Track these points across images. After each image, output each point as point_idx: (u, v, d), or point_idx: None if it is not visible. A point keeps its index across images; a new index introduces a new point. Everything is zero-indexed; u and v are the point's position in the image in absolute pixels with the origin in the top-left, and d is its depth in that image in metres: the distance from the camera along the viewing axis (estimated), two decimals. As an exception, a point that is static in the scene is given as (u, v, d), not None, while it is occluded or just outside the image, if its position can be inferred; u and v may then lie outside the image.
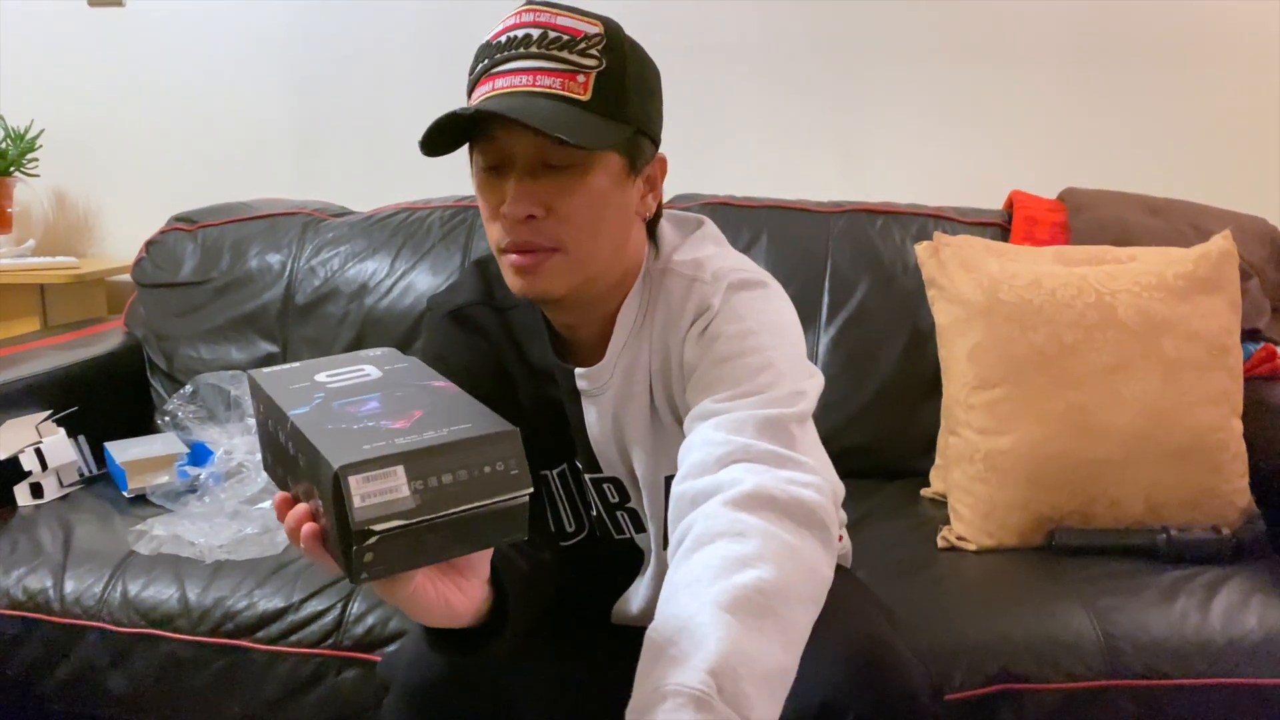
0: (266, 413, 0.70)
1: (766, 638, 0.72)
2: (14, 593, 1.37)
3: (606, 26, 0.93)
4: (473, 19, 2.30)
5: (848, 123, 2.26)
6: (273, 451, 0.71)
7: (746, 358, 0.92)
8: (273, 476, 0.73)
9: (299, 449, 0.65)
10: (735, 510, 0.79)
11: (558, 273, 0.93)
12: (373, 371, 0.73)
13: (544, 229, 0.91)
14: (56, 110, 2.39)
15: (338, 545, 0.63)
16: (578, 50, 0.91)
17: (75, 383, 1.79)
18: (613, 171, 0.93)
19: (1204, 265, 1.52)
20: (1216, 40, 2.15)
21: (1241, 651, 1.24)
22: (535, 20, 0.92)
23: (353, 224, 1.98)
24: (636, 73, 0.94)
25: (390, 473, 0.61)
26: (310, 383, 0.71)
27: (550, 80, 0.90)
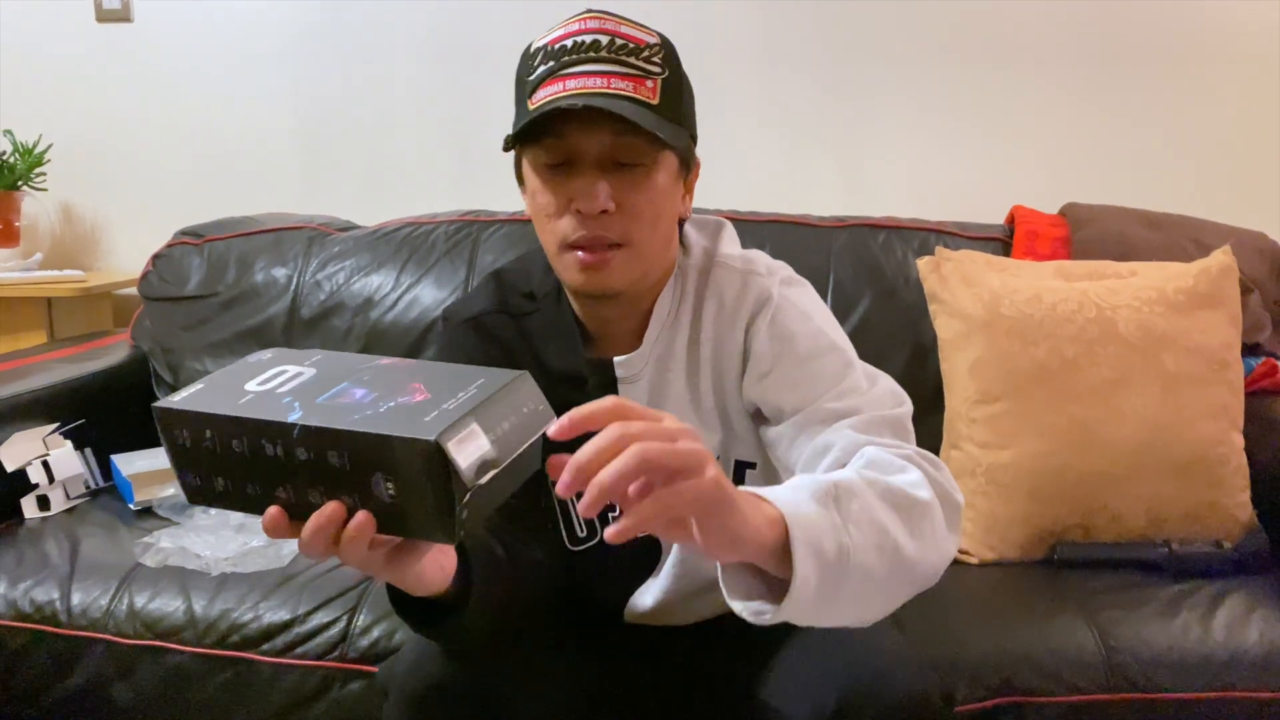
0: (223, 433, 0.66)
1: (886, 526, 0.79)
2: (21, 605, 1.38)
3: (663, 39, 0.99)
4: (478, 35, 2.32)
5: (850, 136, 2.27)
6: (236, 469, 0.67)
7: (827, 356, 0.99)
8: (219, 500, 0.69)
9: (324, 449, 0.64)
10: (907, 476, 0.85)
11: (622, 267, 0.97)
12: (304, 370, 0.71)
13: (613, 223, 0.95)
14: (64, 125, 2.41)
15: (429, 517, 0.64)
16: (643, 58, 0.96)
17: (82, 396, 1.79)
18: (671, 171, 0.99)
19: (1204, 280, 1.53)
20: (1218, 55, 2.16)
21: (1243, 665, 1.25)
22: (602, 28, 0.96)
23: (358, 238, 1.99)
24: (687, 82, 1.01)
25: (473, 430, 0.64)
26: (258, 393, 0.68)
27: (623, 84, 0.94)
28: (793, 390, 0.99)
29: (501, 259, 1.90)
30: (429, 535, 0.67)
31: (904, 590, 0.82)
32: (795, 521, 0.72)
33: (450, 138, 2.37)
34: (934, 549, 0.83)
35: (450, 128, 2.36)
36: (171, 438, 0.68)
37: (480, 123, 2.35)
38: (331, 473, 0.65)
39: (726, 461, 1.08)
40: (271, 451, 0.65)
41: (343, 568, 1.42)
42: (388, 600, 1.32)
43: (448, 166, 2.38)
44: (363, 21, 2.35)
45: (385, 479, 0.64)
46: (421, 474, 0.63)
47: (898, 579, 0.80)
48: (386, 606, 1.33)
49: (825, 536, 0.73)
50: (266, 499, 0.67)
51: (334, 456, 0.64)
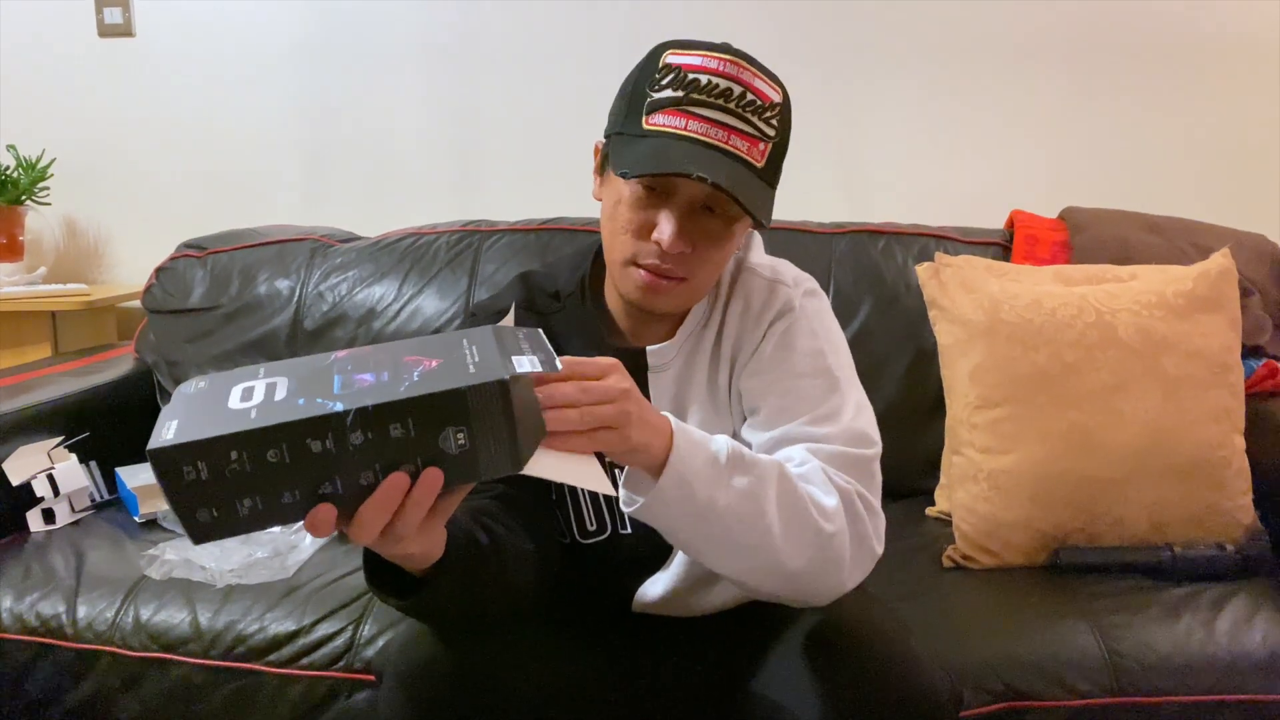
0: (256, 448, 0.65)
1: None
2: (27, 618, 1.38)
3: (784, 96, 1.02)
4: (479, 47, 2.33)
5: (849, 142, 2.28)
6: (270, 483, 0.66)
7: (817, 378, 1.05)
8: (242, 525, 0.67)
9: (385, 424, 0.67)
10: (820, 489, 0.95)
11: (678, 297, 1.04)
12: (274, 379, 0.71)
13: (684, 262, 1.01)
14: (67, 139, 2.42)
15: (501, 451, 0.70)
16: (764, 118, 0.99)
17: (87, 409, 1.80)
18: (747, 225, 1.04)
19: (1204, 284, 1.53)
20: (1216, 58, 2.16)
21: (1247, 668, 1.25)
22: (738, 76, 0.98)
23: (360, 249, 2.00)
24: (788, 142, 1.04)
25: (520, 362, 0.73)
26: (261, 405, 0.67)
27: (741, 143, 0.97)
28: (775, 398, 1.05)
29: (503, 269, 1.91)
30: (499, 469, 0.71)
31: (769, 576, 0.92)
32: (678, 456, 0.86)
33: (451, 149, 2.38)
34: (815, 562, 0.92)
35: (451, 138, 2.37)
36: (178, 476, 0.64)
37: (481, 134, 2.36)
38: (392, 446, 0.67)
39: None
40: (320, 448, 0.66)
41: (348, 577, 1.42)
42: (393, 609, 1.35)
43: (449, 177, 2.39)
44: (363, 34, 2.36)
45: (456, 430, 0.68)
46: (498, 413, 0.68)
47: (759, 559, 0.91)
48: (392, 616, 1.34)
49: (698, 481, 0.87)
50: (308, 501, 0.67)
51: (396, 428, 0.67)
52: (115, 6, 2.39)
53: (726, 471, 0.88)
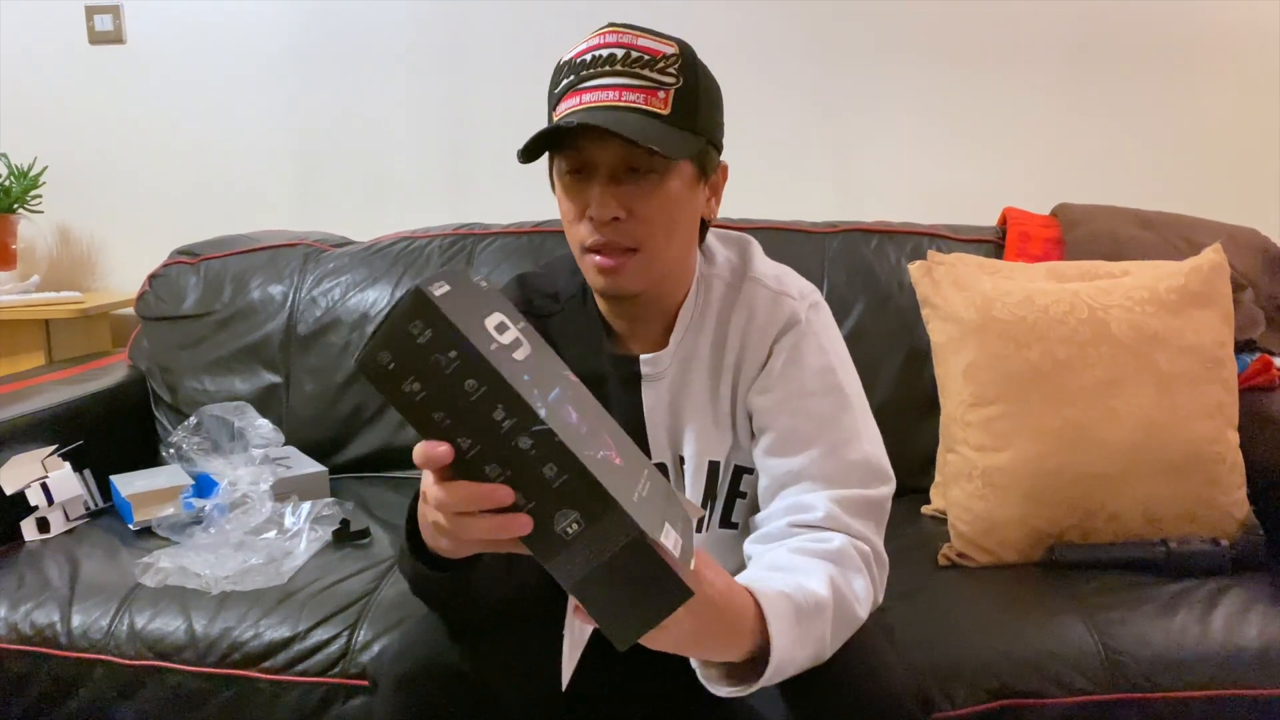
0: (467, 366, 0.66)
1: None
2: (21, 628, 1.38)
3: (681, 48, 1.02)
4: (470, 51, 2.33)
5: (841, 142, 2.28)
6: (443, 392, 0.67)
7: (828, 396, 1.05)
8: (390, 389, 0.68)
9: (548, 459, 0.67)
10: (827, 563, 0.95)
11: (637, 271, 1.02)
12: (521, 340, 0.72)
13: (625, 230, 1.00)
14: (59, 147, 2.42)
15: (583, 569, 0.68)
16: (657, 69, 0.99)
17: (81, 417, 1.80)
18: (686, 178, 1.02)
19: (1195, 279, 1.53)
20: (1209, 53, 2.17)
21: (1242, 663, 1.24)
22: (619, 41, 1.00)
23: (353, 254, 2.00)
24: (706, 89, 1.04)
25: (668, 535, 0.71)
26: (499, 346, 0.69)
27: (634, 96, 0.98)
28: (786, 418, 1.05)
29: (496, 272, 1.91)
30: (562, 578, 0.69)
31: None
32: (778, 667, 0.83)
33: (443, 152, 2.38)
34: (842, 638, 0.93)
35: (443, 142, 2.37)
36: (409, 322, 0.65)
37: (473, 137, 2.36)
38: (535, 476, 0.67)
39: (728, 465, 1.11)
40: (500, 418, 0.67)
41: (343, 583, 1.42)
42: (390, 616, 1.34)
43: (441, 181, 2.39)
44: (355, 39, 2.36)
45: (579, 519, 0.68)
46: (612, 546, 0.67)
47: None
48: (387, 621, 1.34)
49: (791, 667, 0.85)
50: (443, 433, 0.68)
51: (550, 470, 0.67)
52: (106, 14, 2.39)
53: (802, 633, 0.86)
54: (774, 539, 1.00)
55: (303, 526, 1.55)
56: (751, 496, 1.12)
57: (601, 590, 0.69)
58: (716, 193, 1.10)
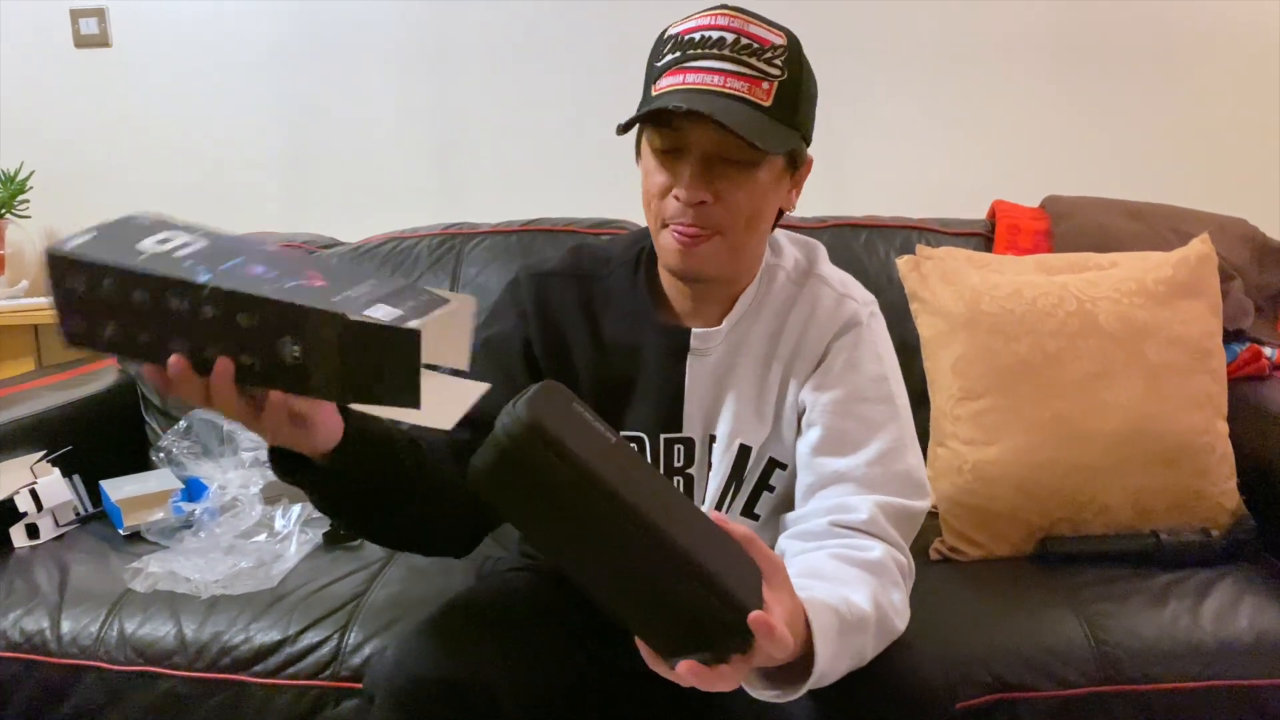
0: (125, 284, 0.73)
1: None
2: (11, 635, 1.37)
3: (789, 39, 1.02)
4: (458, 50, 2.33)
5: (830, 136, 2.26)
6: (131, 318, 0.74)
7: (880, 405, 1.07)
8: (102, 344, 0.76)
9: (234, 310, 0.73)
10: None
11: (714, 253, 1.03)
12: (194, 240, 0.78)
13: (711, 214, 1.01)
14: (46, 151, 2.41)
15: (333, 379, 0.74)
16: (765, 59, 0.99)
17: (70, 422, 1.79)
18: (775, 170, 1.03)
19: (1183, 270, 1.53)
20: (1196, 46, 2.17)
21: (1233, 653, 1.25)
22: (730, 25, 0.99)
23: (342, 255, 1.99)
24: (808, 84, 1.05)
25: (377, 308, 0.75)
26: (155, 253, 0.75)
27: (739, 84, 0.98)
28: (838, 418, 1.06)
29: (485, 271, 1.90)
30: (330, 396, 0.77)
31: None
32: (817, 670, 0.82)
33: (431, 153, 2.37)
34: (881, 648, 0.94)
35: (431, 143, 2.37)
36: (63, 283, 0.73)
37: (461, 137, 2.35)
38: (237, 331, 0.74)
39: (761, 455, 1.12)
40: (176, 305, 0.73)
41: (333, 585, 1.42)
42: (380, 618, 1.34)
43: (430, 181, 2.38)
44: (341, 39, 2.36)
45: (293, 342, 0.73)
46: (333, 344, 0.73)
47: None
48: (377, 624, 1.34)
49: (832, 675, 0.85)
50: (157, 348, 0.75)
51: (243, 317, 0.73)
52: (91, 17, 2.38)
53: (844, 646, 0.86)
54: (814, 537, 1.00)
55: (293, 529, 1.55)
56: (780, 491, 1.13)
57: (357, 380, 0.75)
58: (799, 185, 1.11)
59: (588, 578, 0.73)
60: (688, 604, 0.71)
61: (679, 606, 0.71)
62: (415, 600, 1.37)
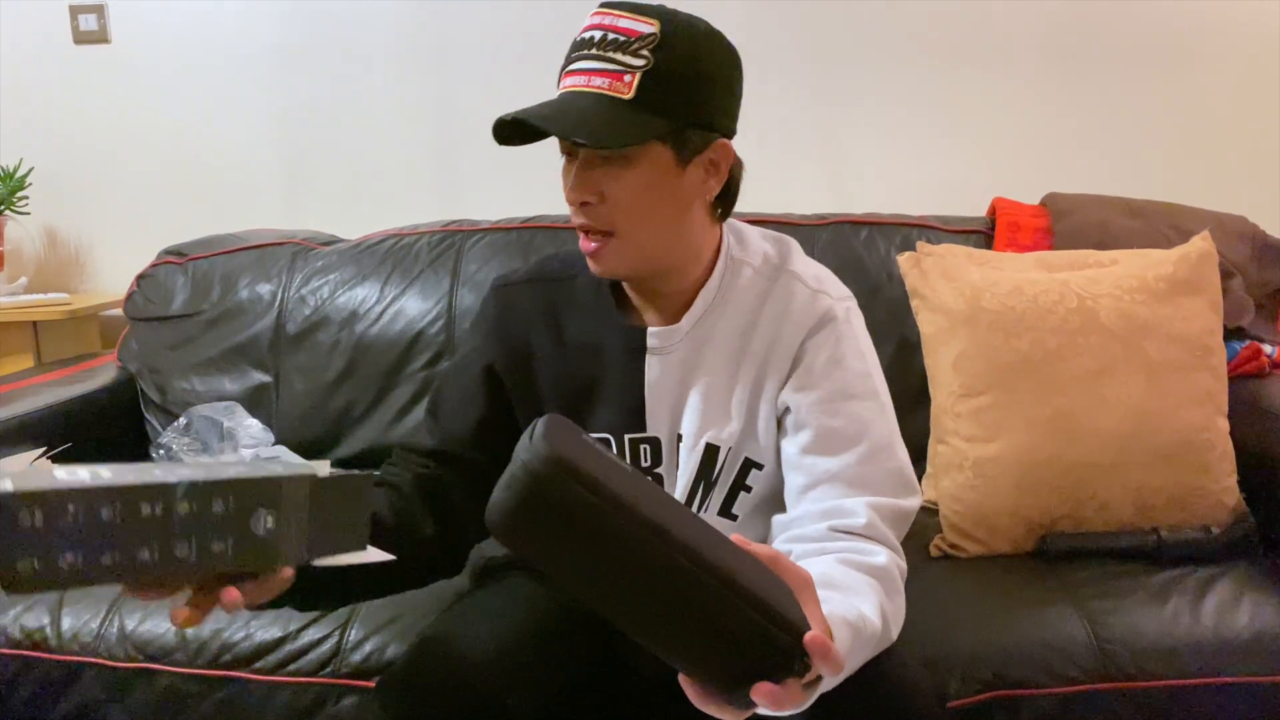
0: (92, 503, 0.66)
1: None
2: (11, 631, 1.37)
3: (664, 25, 0.99)
4: (457, 47, 2.33)
5: (831, 133, 2.28)
6: (95, 539, 0.67)
7: (867, 401, 1.06)
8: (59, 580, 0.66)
9: (210, 497, 0.71)
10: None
11: (614, 254, 1.03)
12: (97, 469, 0.71)
13: (598, 214, 1.02)
14: (45, 148, 2.41)
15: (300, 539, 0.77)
16: (630, 50, 0.99)
17: (70, 419, 1.79)
18: (660, 162, 1.01)
19: (1184, 267, 1.53)
20: (1196, 43, 2.17)
21: (1234, 650, 1.25)
22: (600, 23, 1.01)
23: (342, 252, 1.99)
24: (692, 67, 1.01)
25: None
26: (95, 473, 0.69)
27: (601, 80, 0.99)
28: (826, 418, 1.05)
29: (485, 268, 1.90)
30: (295, 559, 0.78)
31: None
32: (823, 686, 0.78)
33: (431, 149, 2.37)
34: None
35: (431, 139, 2.36)
36: (13, 522, 0.63)
37: (461, 133, 2.35)
38: (212, 520, 0.71)
39: (735, 454, 1.11)
40: (149, 511, 0.68)
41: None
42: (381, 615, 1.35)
43: (429, 177, 2.38)
44: (341, 36, 2.35)
45: (267, 513, 0.74)
46: (304, 504, 0.76)
47: None
48: (378, 621, 1.34)
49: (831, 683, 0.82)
50: (127, 563, 0.68)
51: (219, 503, 0.72)
52: (90, 13, 2.38)
53: (850, 661, 0.85)
54: (812, 540, 0.99)
55: (293, 526, 1.54)
56: (759, 492, 1.12)
57: (320, 535, 0.79)
58: (716, 170, 1.07)
59: (627, 616, 0.69)
60: (740, 631, 0.68)
61: (731, 635, 0.68)
62: (415, 598, 1.36)
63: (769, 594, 0.70)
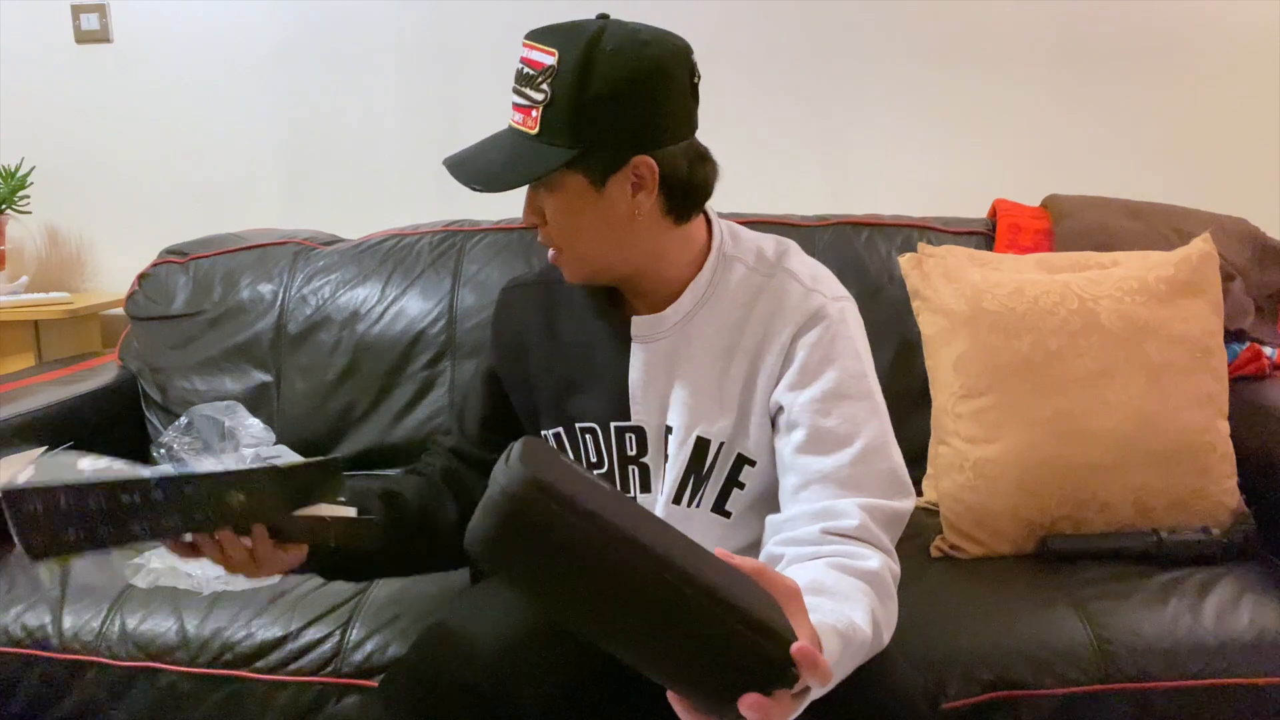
0: (79, 495, 0.85)
1: None
2: (13, 630, 1.38)
3: (561, 54, 1.00)
4: (459, 47, 2.33)
5: (832, 135, 2.28)
6: (89, 520, 0.86)
7: (861, 401, 1.06)
8: (67, 547, 0.86)
9: (180, 487, 0.89)
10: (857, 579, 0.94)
11: (569, 266, 1.10)
12: (108, 463, 0.95)
13: (546, 233, 1.09)
14: (46, 147, 2.41)
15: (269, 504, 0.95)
16: (535, 85, 1.02)
17: (71, 418, 1.79)
18: (573, 186, 1.04)
19: (1185, 269, 1.53)
20: (1197, 45, 2.17)
21: (1234, 651, 1.25)
22: (522, 56, 1.04)
23: (343, 251, 1.99)
24: (586, 94, 0.99)
25: None
26: (96, 468, 0.94)
27: (518, 116, 1.05)
28: (819, 418, 1.05)
29: (486, 269, 1.91)
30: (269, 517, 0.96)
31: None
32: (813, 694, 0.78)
33: (432, 149, 2.34)
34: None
35: (432, 139, 2.37)
36: (21, 509, 0.84)
37: (462, 134, 2.33)
38: (186, 498, 0.90)
39: (727, 449, 1.11)
40: (128, 500, 0.87)
41: (334, 583, 1.42)
42: (382, 615, 1.35)
43: (430, 178, 2.36)
44: (343, 36, 2.35)
45: (237, 492, 0.92)
46: (271, 481, 0.94)
47: None
48: (378, 620, 1.35)
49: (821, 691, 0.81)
50: (122, 535, 0.87)
51: (189, 487, 0.90)
52: (92, 13, 2.38)
53: (839, 668, 0.84)
54: (805, 543, 0.99)
55: (294, 526, 1.54)
56: (752, 489, 1.12)
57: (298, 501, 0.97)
58: (643, 186, 1.04)
59: (612, 635, 0.69)
60: (726, 643, 0.68)
61: (716, 648, 0.68)
62: (416, 597, 1.37)
63: (754, 606, 0.69)
